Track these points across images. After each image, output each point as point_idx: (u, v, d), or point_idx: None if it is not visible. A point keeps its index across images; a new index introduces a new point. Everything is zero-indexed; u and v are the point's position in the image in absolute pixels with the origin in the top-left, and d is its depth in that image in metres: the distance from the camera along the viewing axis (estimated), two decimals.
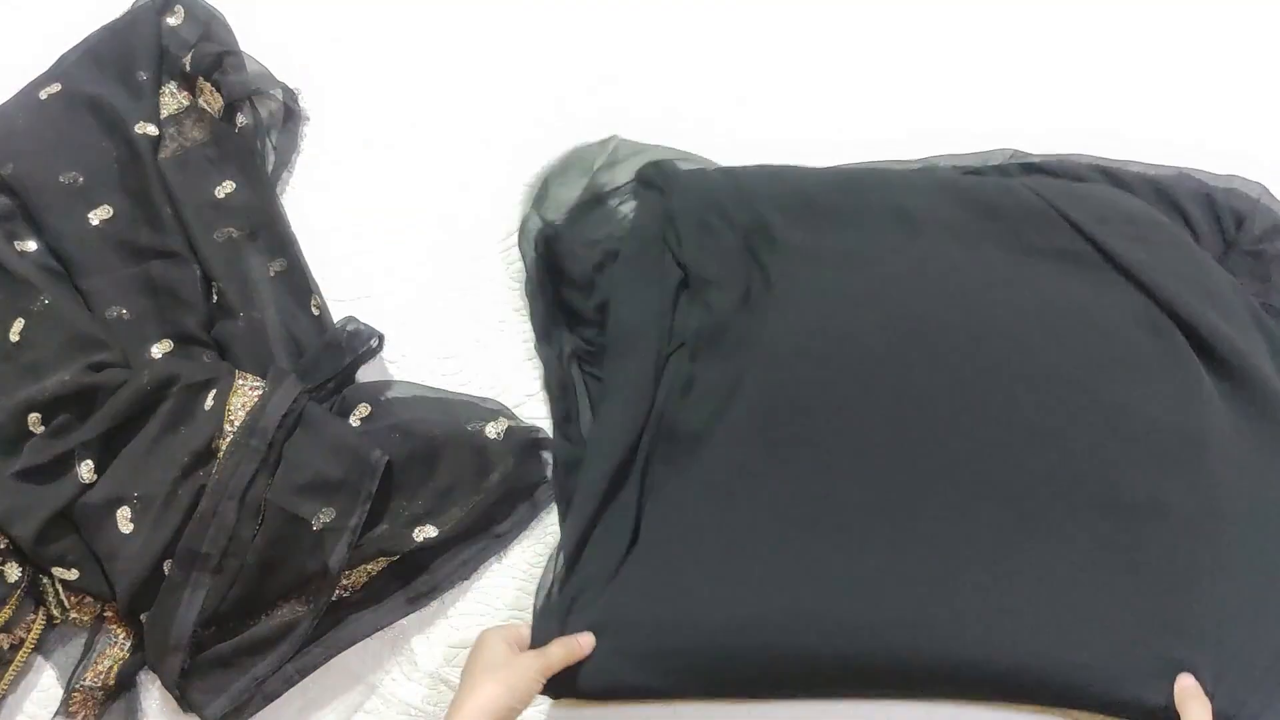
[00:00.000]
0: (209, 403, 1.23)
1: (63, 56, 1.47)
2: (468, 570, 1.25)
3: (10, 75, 1.48)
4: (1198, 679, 0.94)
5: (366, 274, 1.39)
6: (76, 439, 1.22)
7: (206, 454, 1.21)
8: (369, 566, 1.21)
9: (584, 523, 1.12)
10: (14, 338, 1.29)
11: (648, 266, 1.22)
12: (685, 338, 1.17)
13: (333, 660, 1.22)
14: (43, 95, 1.43)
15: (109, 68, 1.44)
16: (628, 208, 1.30)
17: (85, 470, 1.22)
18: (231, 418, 1.23)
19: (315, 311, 1.34)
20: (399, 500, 1.23)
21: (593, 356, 1.25)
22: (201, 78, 1.42)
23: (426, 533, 1.21)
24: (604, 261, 1.27)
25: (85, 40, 1.48)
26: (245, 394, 1.24)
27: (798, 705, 1.09)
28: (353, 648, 1.22)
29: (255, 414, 1.22)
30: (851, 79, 1.43)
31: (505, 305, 1.36)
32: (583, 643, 1.06)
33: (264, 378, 1.26)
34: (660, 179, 1.28)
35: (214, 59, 1.42)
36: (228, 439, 1.21)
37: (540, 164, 1.40)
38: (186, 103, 1.43)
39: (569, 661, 1.05)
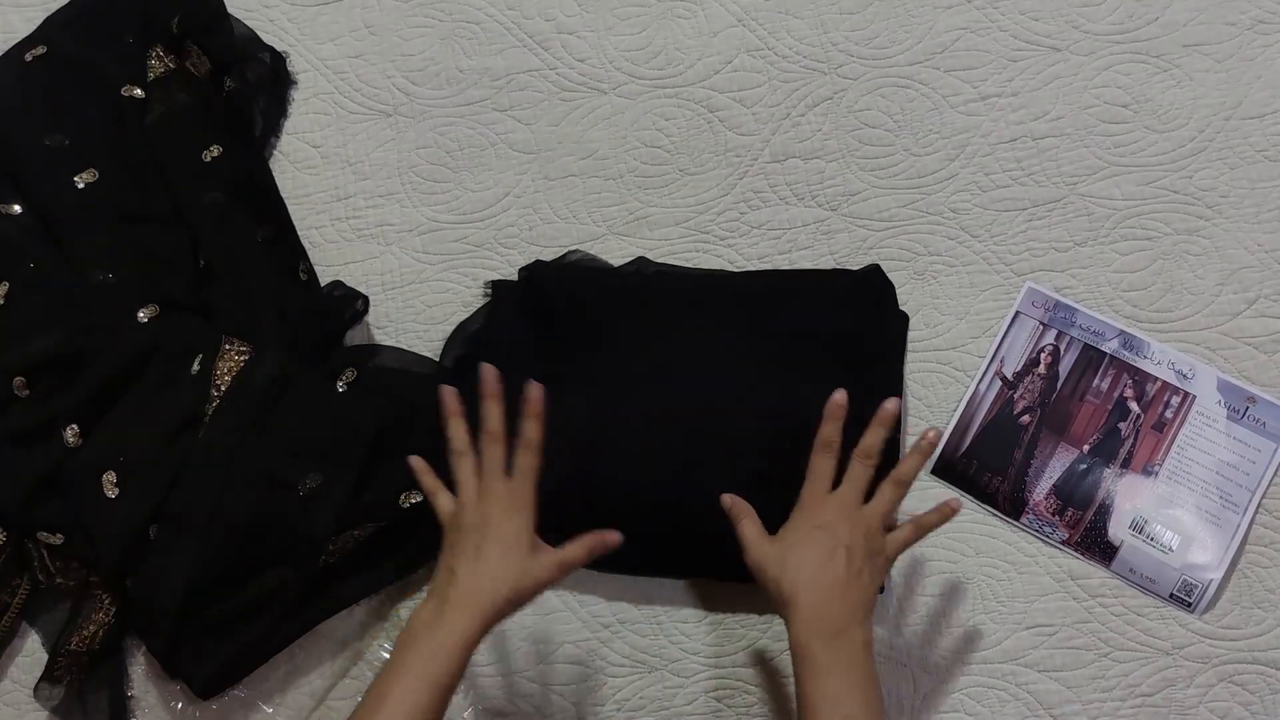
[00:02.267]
0: (195, 368, 1.22)
1: (48, 19, 1.45)
2: None
3: None
4: None
5: (354, 239, 1.38)
6: (62, 404, 1.22)
7: (193, 419, 1.21)
8: (356, 533, 1.21)
9: None
10: None
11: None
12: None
13: (319, 626, 1.22)
14: (28, 57, 1.41)
15: (95, 30, 1.42)
16: None
17: (70, 435, 1.21)
18: (218, 383, 1.22)
19: (303, 277, 1.33)
20: (386, 466, 1.22)
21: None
22: (189, 40, 1.40)
23: (413, 498, 1.21)
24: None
25: (71, 2, 1.46)
26: (232, 359, 1.23)
27: None
28: (340, 614, 1.22)
29: (242, 379, 1.22)
30: None
31: (492, 271, 1.36)
32: (608, 539, 1.06)
33: (251, 343, 1.25)
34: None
35: (201, 21, 1.40)
36: (214, 404, 1.21)
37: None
38: (173, 66, 1.40)
39: (590, 557, 1.05)
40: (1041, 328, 1.28)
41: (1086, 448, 1.24)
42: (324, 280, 1.34)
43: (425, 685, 0.94)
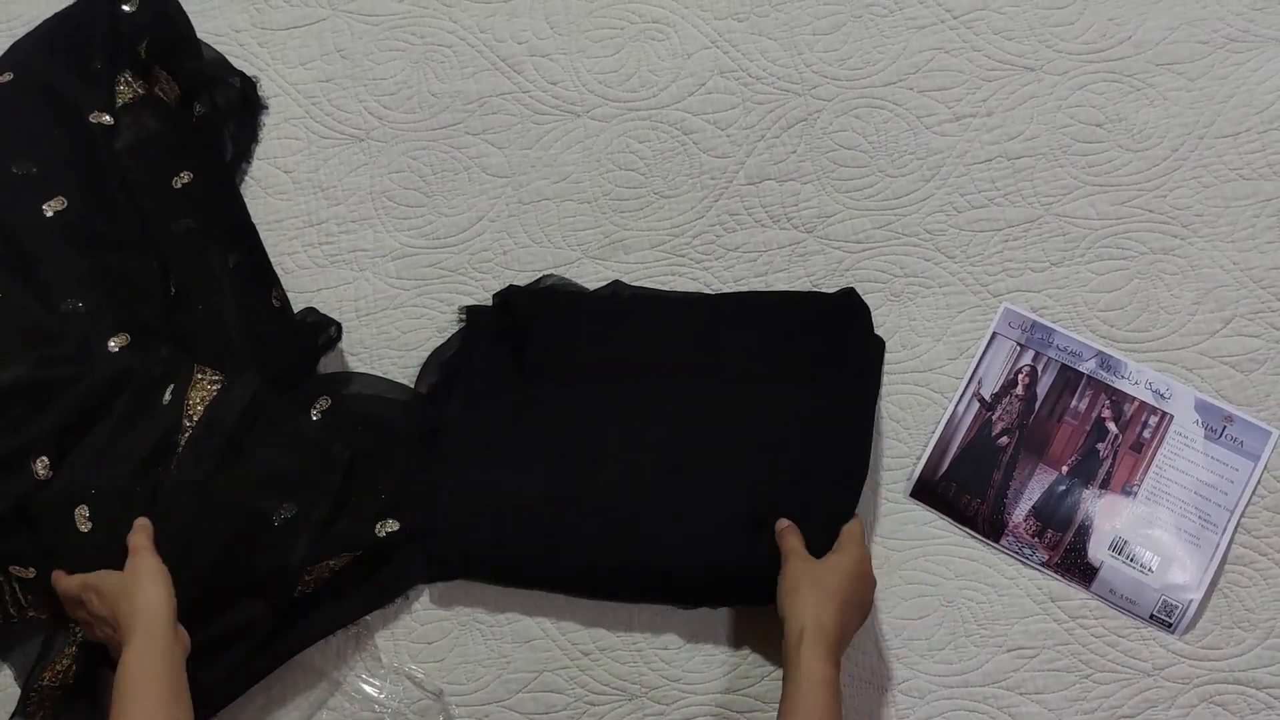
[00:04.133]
0: (167, 397, 1.21)
1: (15, 45, 1.44)
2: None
3: None
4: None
5: (327, 265, 1.37)
6: (31, 435, 1.20)
7: (165, 449, 1.19)
8: (331, 562, 1.20)
9: None
10: None
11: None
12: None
13: (296, 657, 1.20)
14: None
15: (63, 56, 1.41)
16: None
17: (40, 467, 1.20)
18: (190, 412, 1.21)
19: (275, 303, 1.32)
20: (361, 495, 1.22)
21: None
22: (157, 66, 1.39)
23: (388, 527, 1.20)
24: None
25: (38, 28, 1.44)
26: (204, 388, 1.22)
27: None
28: (316, 644, 1.21)
29: (214, 408, 1.21)
30: None
31: (466, 296, 1.35)
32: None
33: (223, 371, 1.24)
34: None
35: (170, 46, 1.39)
36: (186, 434, 1.19)
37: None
38: (142, 91, 1.40)
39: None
40: (1019, 348, 1.28)
41: (1065, 469, 1.23)
42: (297, 307, 1.33)
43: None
